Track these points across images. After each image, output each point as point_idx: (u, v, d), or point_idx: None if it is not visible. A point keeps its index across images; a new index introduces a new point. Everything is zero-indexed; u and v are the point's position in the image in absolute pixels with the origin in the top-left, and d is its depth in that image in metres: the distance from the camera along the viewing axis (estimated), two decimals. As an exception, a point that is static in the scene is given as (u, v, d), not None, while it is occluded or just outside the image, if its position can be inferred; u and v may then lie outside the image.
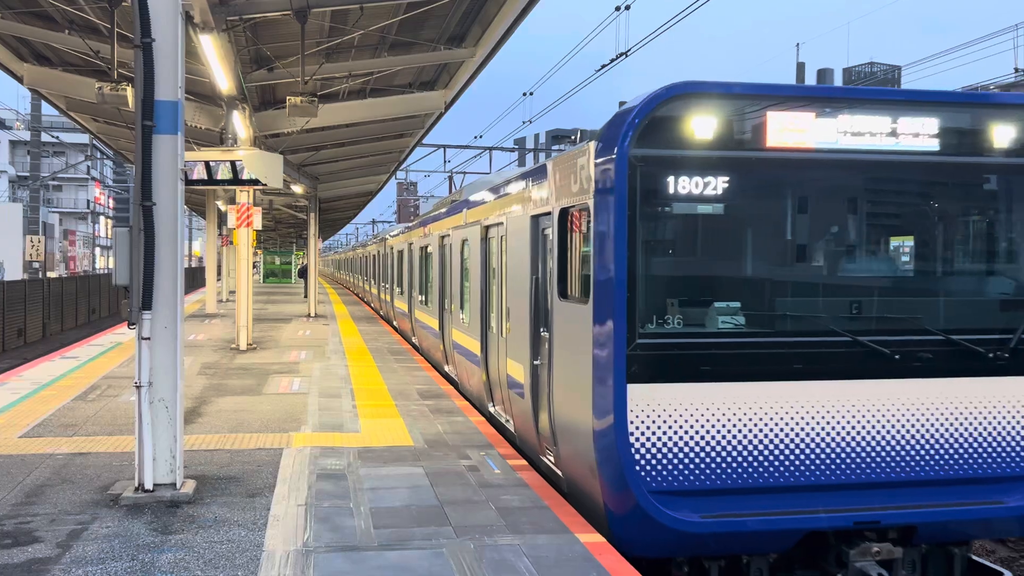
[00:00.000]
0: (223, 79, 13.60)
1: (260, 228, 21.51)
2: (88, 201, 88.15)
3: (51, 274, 51.27)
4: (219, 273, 36.94)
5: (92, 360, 16.14)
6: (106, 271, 66.52)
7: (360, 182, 33.08)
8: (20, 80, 16.44)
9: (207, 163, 14.73)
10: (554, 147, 75.10)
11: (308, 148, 22.88)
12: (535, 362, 8.13)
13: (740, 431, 6.36)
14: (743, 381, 6.36)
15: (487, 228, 10.62)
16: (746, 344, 6.45)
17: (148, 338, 7.03)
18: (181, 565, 5.62)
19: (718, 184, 6.35)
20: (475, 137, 38.38)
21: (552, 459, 7.76)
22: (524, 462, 8.53)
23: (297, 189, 25.80)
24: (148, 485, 7.03)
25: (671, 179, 6.30)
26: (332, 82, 16.70)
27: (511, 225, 9.17)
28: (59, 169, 66.61)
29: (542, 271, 8.09)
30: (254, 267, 56.18)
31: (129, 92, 12.76)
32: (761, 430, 6.40)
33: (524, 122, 30.04)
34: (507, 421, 9.62)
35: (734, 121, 6.38)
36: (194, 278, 55.27)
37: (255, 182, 14.82)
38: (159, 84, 7.00)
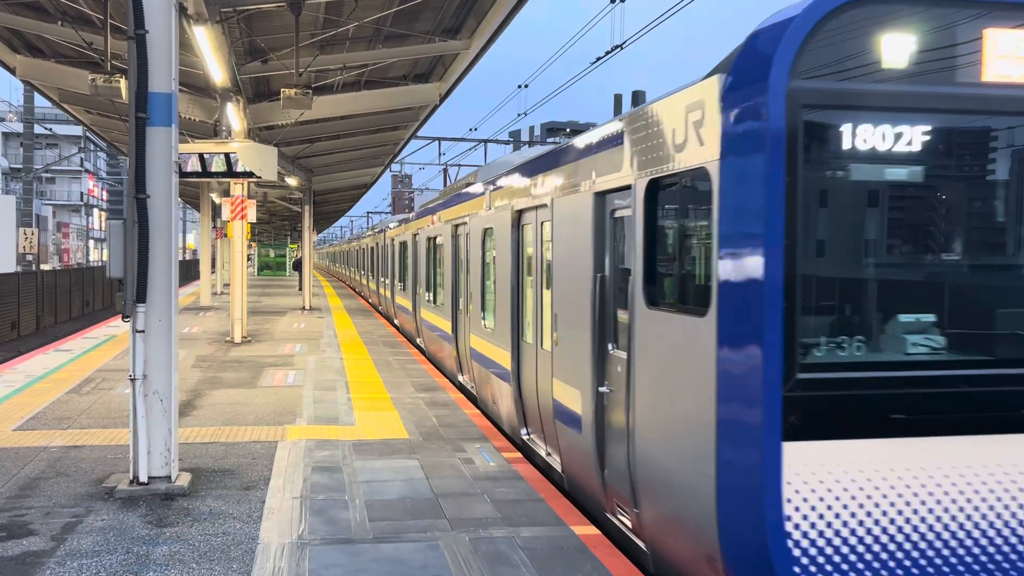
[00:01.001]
0: (217, 71, 13.55)
1: (254, 221, 21.48)
2: (82, 194, 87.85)
3: (45, 267, 51.15)
4: (213, 266, 36.86)
5: (86, 353, 16.11)
6: (100, 264, 66.37)
7: (355, 175, 33.02)
8: (13, 72, 16.37)
9: (201, 155, 14.69)
10: (549, 139, 74.82)
11: (302, 140, 22.83)
12: (600, 389, 6.32)
13: (962, 512, 4.19)
14: (963, 434, 4.26)
15: (521, 213, 8.81)
16: (970, 380, 4.32)
17: (142, 331, 7.01)
18: (176, 558, 5.62)
19: (913, 137, 4.28)
20: (470, 130, 38.31)
21: (628, 522, 5.92)
22: (519, 455, 8.55)
23: (291, 181, 25.75)
24: (143, 478, 7.02)
25: (848, 128, 4.23)
26: (326, 74, 16.64)
27: (561, 207, 7.19)
28: (52, 161, 66.39)
29: (611, 267, 6.27)
30: (249, 260, 56.10)
31: (122, 84, 12.71)
32: (996, 511, 4.24)
33: (519, 115, 29.99)
34: (549, 455, 7.91)
35: (940, 42, 4.24)
36: (189, 271, 55.16)
37: (249, 174, 14.79)
38: (153, 76, 6.97)
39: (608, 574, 5.44)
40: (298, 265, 40.50)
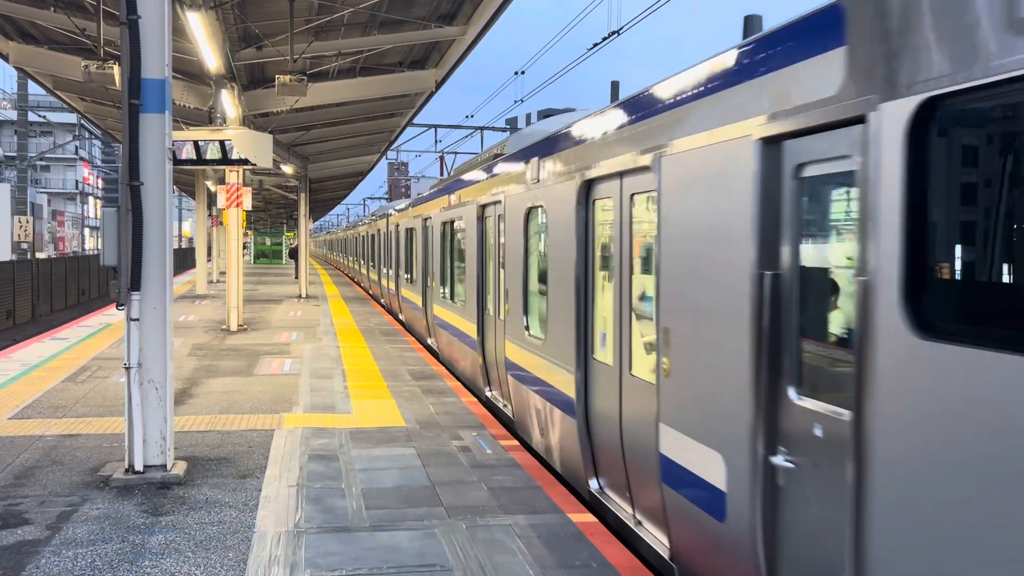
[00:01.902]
0: (211, 57, 13.46)
1: (250, 208, 21.39)
2: (77, 181, 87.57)
3: (40, 255, 50.99)
4: (209, 254, 36.77)
5: (82, 341, 16.06)
6: (95, 252, 66.23)
7: (351, 162, 32.90)
8: (6, 59, 16.26)
9: (196, 143, 14.62)
10: (545, 127, 74.52)
11: (298, 127, 22.73)
12: (774, 460, 4.02)
13: None
14: None
15: (592, 184, 6.62)
16: None
17: (137, 319, 6.98)
18: (172, 546, 5.60)
19: None
20: (466, 117, 38.16)
21: None
22: (516, 442, 8.53)
23: (287, 169, 25.65)
24: (138, 466, 7.00)
25: None
26: (322, 61, 16.55)
27: (680, 168, 4.89)
28: (47, 149, 66.10)
29: (792, 262, 4.00)
30: (244, 248, 56.00)
31: (116, 70, 12.62)
32: None
33: (516, 101, 29.87)
34: (639, 522, 5.91)
35: None
36: (184, 259, 55.05)
37: (244, 162, 14.73)
38: (146, 62, 6.91)
39: (604, 561, 5.43)
40: (294, 253, 40.43)
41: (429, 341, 15.97)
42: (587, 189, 6.76)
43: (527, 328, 8.59)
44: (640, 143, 5.53)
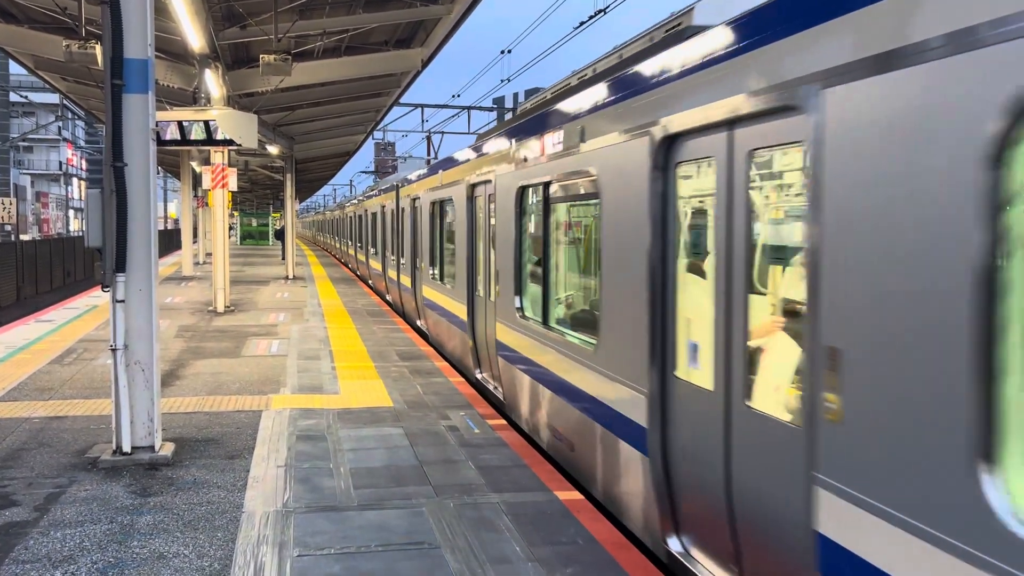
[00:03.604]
0: (194, 37, 13.34)
1: (236, 189, 21.29)
2: (60, 163, 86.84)
3: (24, 237, 50.62)
4: (195, 235, 36.60)
5: (67, 323, 16.00)
6: (80, 234, 65.78)
7: (337, 142, 32.74)
8: (-15, 38, 16.07)
9: (180, 123, 14.50)
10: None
11: (283, 108, 22.59)
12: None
13: None
14: None
15: (676, 141, 5.01)
16: None
17: (123, 301, 6.96)
18: (160, 527, 5.62)
19: None
20: (453, 96, 38.00)
21: None
22: (503, 421, 8.58)
23: (272, 150, 25.51)
24: (126, 448, 7.01)
25: None
26: (306, 40, 16.43)
27: (856, 110, 3.36)
28: (29, 130, 65.48)
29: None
30: (230, 229, 55.73)
31: (98, 50, 12.50)
32: None
33: (502, 80, 29.76)
34: None
35: None
36: (170, 240, 54.76)
37: (229, 142, 14.63)
38: (128, 42, 6.85)
39: (591, 537, 5.49)
40: (281, 234, 40.29)
41: (419, 323, 15.78)
42: (669, 146, 5.05)
43: (551, 317, 7.55)
44: (776, 73, 3.87)
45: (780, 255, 4.31)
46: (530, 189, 8.27)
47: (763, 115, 4.10)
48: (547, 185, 7.62)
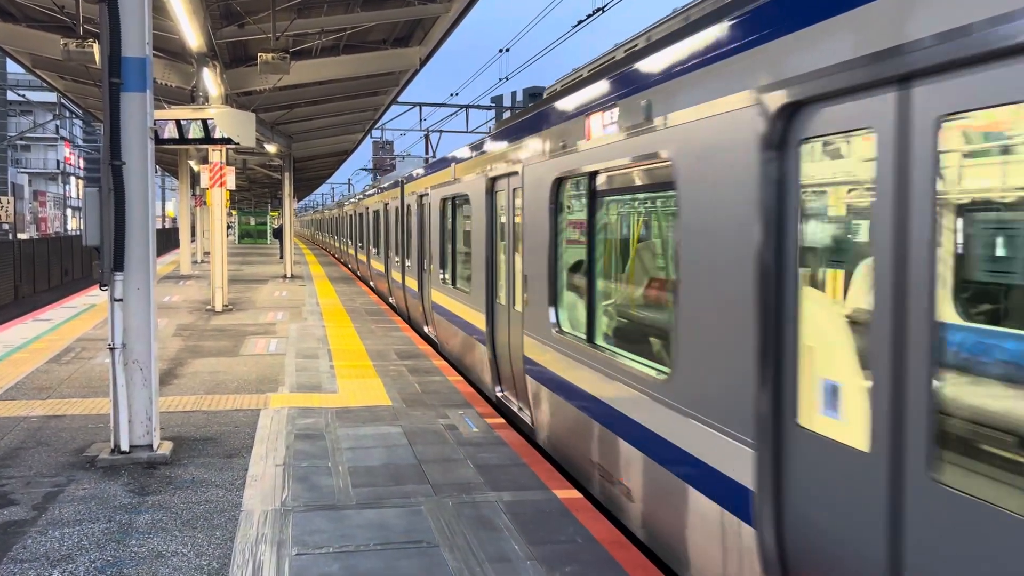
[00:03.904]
0: (192, 35, 13.33)
1: (234, 188, 21.26)
2: (58, 161, 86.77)
3: (22, 236, 50.55)
4: (193, 234, 36.57)
5: (66, 322, 15.98)
6: (78, 232, 65.73)
7: (335, 141, 32.73)
8: (-17, 37, 16.04)
9: (178, 122, 14.46)
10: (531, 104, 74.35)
11: (281, 106, 22.57)
12: None
13: None
14: None
15: (805, 110, 3.71)
16: None
17: (121, 299, 6.95)
18: (159, 526, 5.62)
19: None
20: (451, 95, 37.99)
21: None
22: (502, 420, 8.58)
23: (271, 148, 25.49)
24: (124, 447, 7.00)
25: None
26: (305, 38, 16.42)
27: None
28: (27, 129, 65.41)
29: None
30: (229, 228, 55.69)
31: (95, 49, 12.49)
32: None
33: (501, 79, 29.75)
34: None
35: None
36: (168, 239, 54.72)
37: (227, 141, 14.59)
38: (126, 40, 6.84)
39: (590, 536, 5.49)
40: (279, 233, 40.25)
41: (427, 330, 14.44)
42: (787, 120, 3.81)
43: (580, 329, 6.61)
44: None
45: (1001, 268, 2.99)
46: (571, 181, 6.99)
47: (969, 63, 2.76)
48: (593, 176, 6.34)
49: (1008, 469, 2.74)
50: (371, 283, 25.11)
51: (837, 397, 3.57)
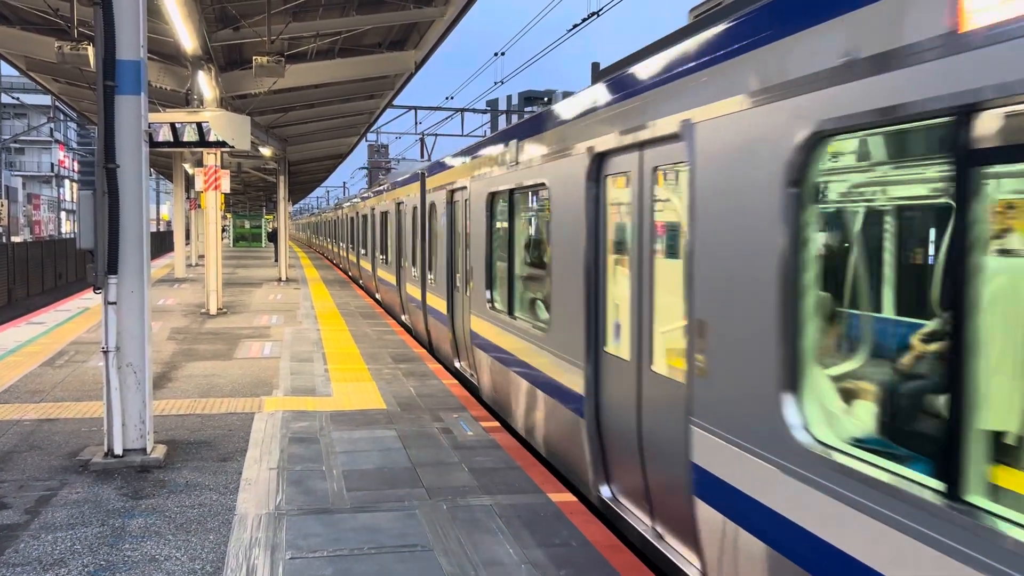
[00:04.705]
0: (187, 38, 13.33)
1: (228, 191, 21.26)
2: (52, 164, 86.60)
3: (15, 239, 50.42)
4: (188, 237, 36.52)
5: (59, 326, 15.94)
6: (72, 235, 65.59)
7: (330, 144, 32.72)
8: (-23, 39, 16.01)
9: (173, 125, 14.48)
10: (527, 108, 74.54)
11: (276, 110, 22.57)
12: None
13: None
14: None
15: None
16: None
17: (114, 303, 6.93)
18: (152, 530, 5.60)
19: None
20: (446, 98, 38.01)
21: None
22: (496, 424, 8.57)
23: (265, 151, 25.48)
24: (118, 450, 6.98)
25: None
26: (300, 42, 16.42)
27: None
28: (21, 131, 65.27)
29: None
30: (223, 231, 55.56)
31: (90, 51, 12.47)
32: None
33: (496, 83, 29.77)
34: None
35: None
36: (163, 242, 54.63)
37: (222, 144, 14.61)
38: (120, 43, 6.83)
39: (584, 539, 5.49)
40: (274, 236, 40.20)
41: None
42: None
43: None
44: None
45: None
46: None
47: None
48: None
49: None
50: (377, 295, 21.56)
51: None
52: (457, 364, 11.47)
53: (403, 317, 17.00)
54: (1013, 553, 2.59)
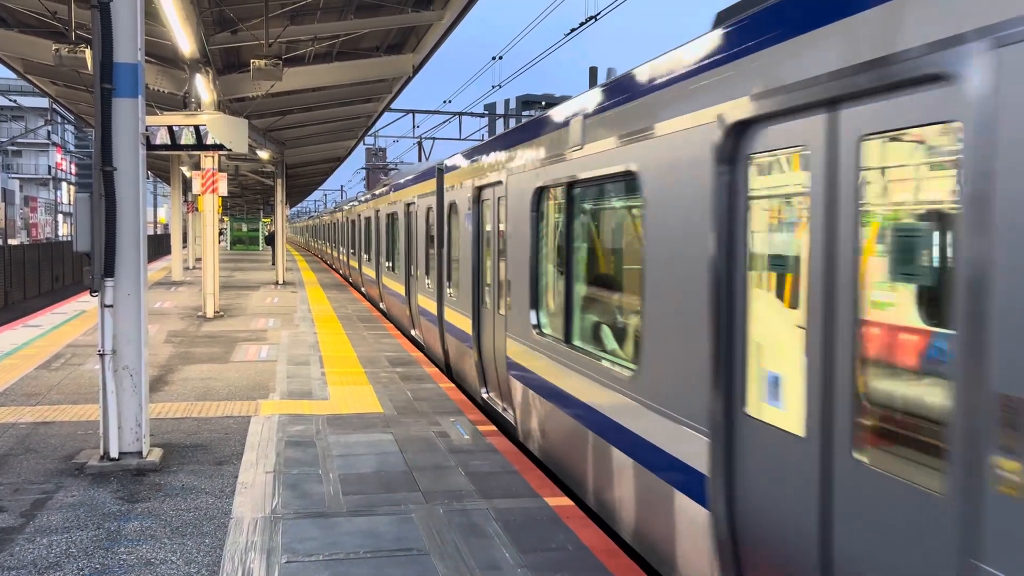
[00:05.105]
0: (185, 41, 13.32)
1: (226, 194, 21.24)
2: (49, 167, 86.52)
3: (12, 241, 50.35)
4: (185, 240, 36.49)
5: (56, 328, 15.91)
6: (69, 238, 65.51)
7: (328, 147, 32.71)
8: (-26, 42, 15.99)
9: (170, 128, 14.46)
10: (525, 112, 74.60)
11: (274, 113, 22.57)
12: None
13: None
14: None
15: None
16: None
17: (111, 305, 6.93)
18: (148, 533, 5.59)
19: None
20: (444, 102, 38.02)
21: None
22: (494, 428, 8.56)
23: (263, 154, 25.47)
24: (113, 453, 6.97)
25: None
26: (297, 45, 16.43)
27: None
28: (18, 134, 65.21)
29: None
30: (221, 234, 55.58)
31: (87, 54, 12.46)
32: None
33: (493, 87, 29.79)
34: None
35: None
36: (160, 245, 54.59)
37: (219, 147, 14.58)
38: (118, 46, 6.83)
39: (581, 544, 5.48)
40: (271, 239, 40.15)
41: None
42: None
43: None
44: None
45: None
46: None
47: None
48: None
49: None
50: (382, 305, 19.64)
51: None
52: (484, 395, 9.72)
53: (413, 332, 14.93)
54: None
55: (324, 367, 12.00)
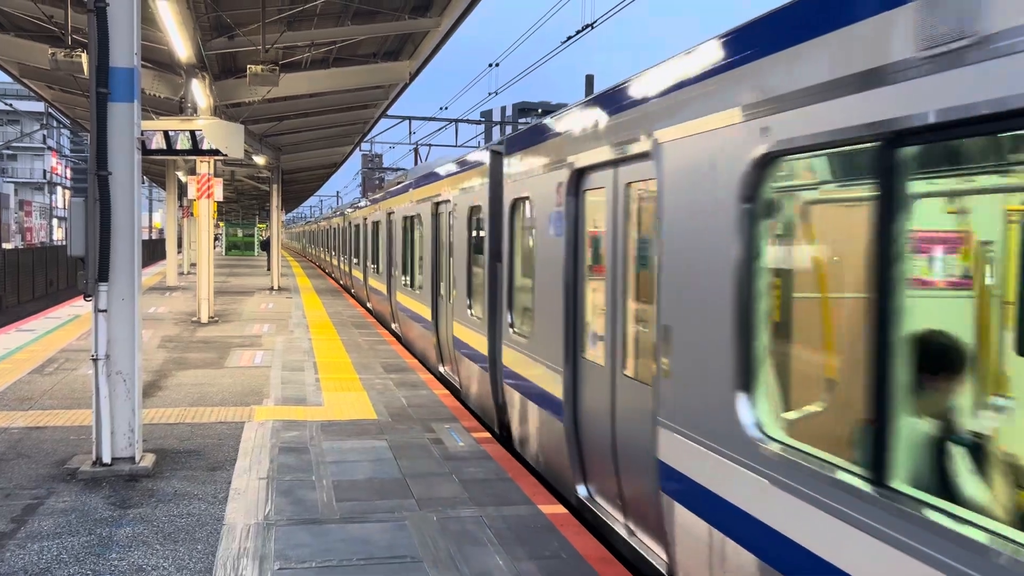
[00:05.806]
0: (181, 46, 13.32)
1: (221, 199, 21.21)
2: (44, 171, 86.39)
3: (7, 245, 50.25)
4: (180, 245, 36.42)
5: (49, 333, 15.86)
6: (63, 242, 65.37)
7: (324, 153, 32.73)
8: (-30, 45, 15.97)
9: (166, 132, 14.46)
10: (521, 119, 74.74)
11: (270, 118, 22.56)
12: None
13: None
14: None
15: None
16: None
17: (105, 310, 6.90)
18: (140, 539, 5.56)
19: None
20: (440, 109, 38.05)
21: None
22: (488, 435, 8.55)
23: (259, 160, 25.47)
24: (106, 459, 6.94)
25: None
26: (294, 51, 16.44)
27: None
28: (13, 138, 65.11)
29: None
30: (216, 239, 55.48)
31: (84, 59, 12.45)
32: None
33: (490, 93, 29.84)
34: None
35: None
36: (155, 250, 54.49)
37: (215, 152, 14.59)
38: (114, 50, 6.83)
39: (574, 551, 5.47)
40: (266, 245, 40.12)
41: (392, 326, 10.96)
42: None
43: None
44: None
45: None
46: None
47: None
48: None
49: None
50: (393, 326, 17.35)
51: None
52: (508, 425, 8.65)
53: (441, 369, 12.16)
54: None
55: (318, 373, 11.98)
